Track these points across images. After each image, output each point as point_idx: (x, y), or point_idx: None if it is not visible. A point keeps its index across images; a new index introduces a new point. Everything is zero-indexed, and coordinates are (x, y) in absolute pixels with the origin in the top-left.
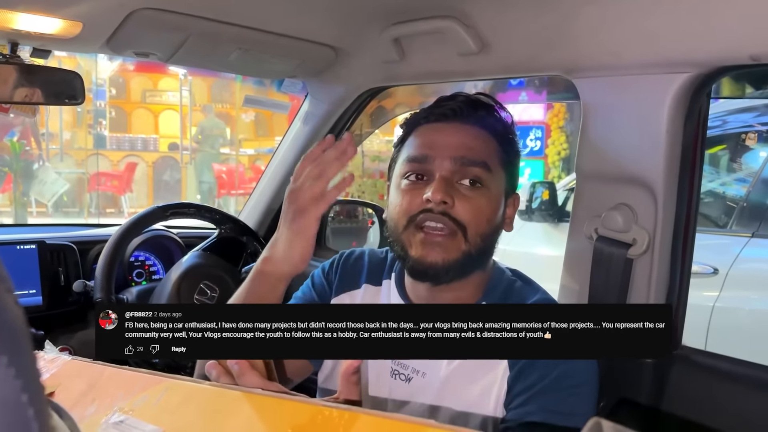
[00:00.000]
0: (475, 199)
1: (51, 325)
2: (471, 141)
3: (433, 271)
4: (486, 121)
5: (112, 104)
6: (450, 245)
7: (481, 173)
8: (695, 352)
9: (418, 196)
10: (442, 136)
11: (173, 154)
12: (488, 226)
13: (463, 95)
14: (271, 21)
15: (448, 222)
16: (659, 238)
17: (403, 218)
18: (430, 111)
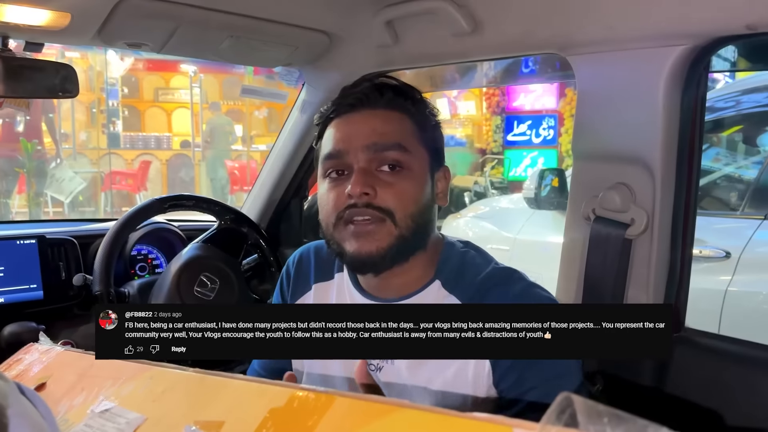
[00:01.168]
0: (397, 183)
1: (53, 319)
2: (382, 126)
3: (371, 261)
4: (395, 102)
5: (125, 103)
6: (381, 233)
7: (399, 156)
8: (698, 334)
9: (341, 192)
10: (352, 126)
11: (186, 151)
12: (416, 207)
13: (366, 81)
14: (262, 7)
15: (373, 212)
16: (658, 218)
17: (331, 216)
18: (338, 103)
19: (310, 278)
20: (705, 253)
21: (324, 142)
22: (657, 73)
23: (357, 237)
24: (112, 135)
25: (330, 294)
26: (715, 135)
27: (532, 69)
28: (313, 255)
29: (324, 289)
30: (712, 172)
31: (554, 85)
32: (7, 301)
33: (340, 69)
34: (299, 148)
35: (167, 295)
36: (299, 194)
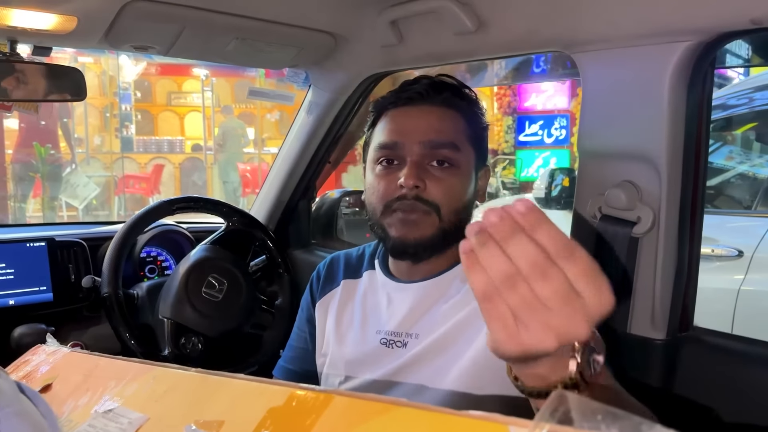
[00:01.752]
0: (446, 179)
1: (62, 321)
2: (438, 123)
3: (412, 249)
4: (451, 100)
5: (138, 107)
6: (425, 224)
7: (450, 153)
8: (707, 333)
9: (392, 181)
10: (410, 120)
11: (198, 155)
12: (461, 203)
13: (426, 77)
14: (267, 8)
15: (421, 205)
16: (665, 215)
17: (380, 204)
18: (396, 95)
19: (339, 277)
20: (717, 252)
21: (378, 130)
22: (662, 69)
23: (403, 224)
24: (125, 139)
25: (357, 289)
26: (728, 133)
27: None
28: (343, 258)
29: (351, 285)
30: (725, 170)
31: (566, 85)
32: (17, 303)
33: (346, 69)
34: (307, 149)
35: (175, 297)
36: (307, 195)
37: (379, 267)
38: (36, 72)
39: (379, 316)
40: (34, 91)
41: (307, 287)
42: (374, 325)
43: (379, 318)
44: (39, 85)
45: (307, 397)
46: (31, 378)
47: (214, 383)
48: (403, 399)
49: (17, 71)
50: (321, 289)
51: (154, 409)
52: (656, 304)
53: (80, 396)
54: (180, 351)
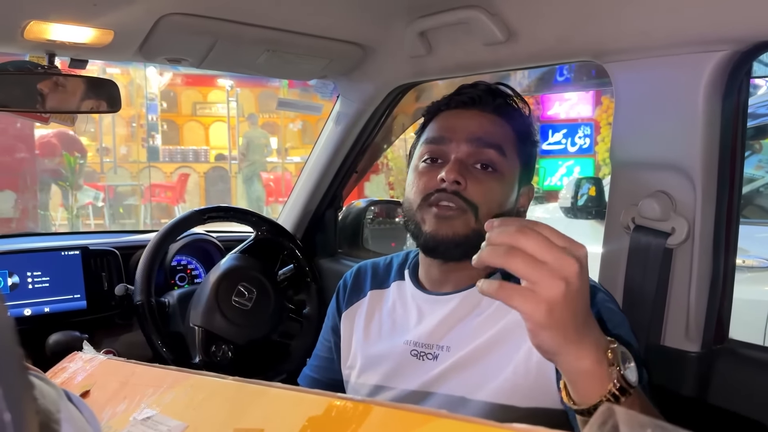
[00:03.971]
0: (488, 182)
1: (95, 329)
2: (488, 125)
3: (444, 246)
4: (504, 109)
5: (164, 117)
6: (460, 222)
7: (496, 157)
8: (743, 345)
9: (433, 177)
10: (460, 120)
11: (223, 164)
12: (499, 209)
13: (484, 83)
14: (298, 21)
15: (459, 201)
16: (699, 227)
17: (418, 197)
18: (450, 98)
19: (366, 287)
20: (748, 262)
21: (428, 129)
22: (696, 79)
23: (438, 219)
24: (151, 148)
25: (384, 299)
26: (757, 142)
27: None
28: (370, 268)
29: (378, 295)
30: (755, 179)
31: (590, 93)
32: (52, 310)
33: (374, 80)
34: (334, 159)
35: (206, 305)
36: (334, 205)
37: (410, 278)
38: (73, 84)
39: (409, 328)
40: (71, 102)
41: (333, 296)
42: (403, 336)
43: (409, 329)
44: (75, 97)
45: (346, 406)
46: (69, 385)
47: (252, 392)
48: (443, 410)
49: (55, 83)
50: (347, 299)
51: (192, 417)
52: (691, 316)
53: (118, 403)
54: (210, 359)
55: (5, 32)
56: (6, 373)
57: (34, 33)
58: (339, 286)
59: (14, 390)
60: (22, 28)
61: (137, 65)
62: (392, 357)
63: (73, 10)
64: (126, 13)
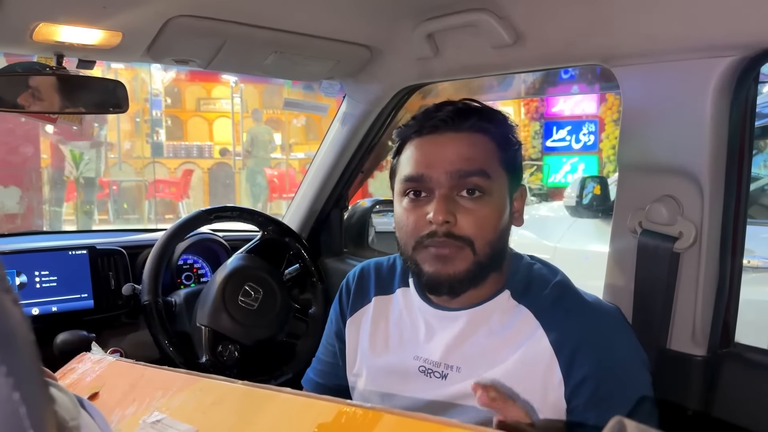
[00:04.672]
0: (478, 210)
1: (102, 328)
2: (466, 150)
3: (448, 284)
4: (478, 125)
5: (168, 113)
6: (459, 259)
7: (481, 182)
8: (748, 349)
9: (421, 215)
10: (436, 149)
11: (227, 160)
12: (494, 234)
13: (450, 103)
14: (306, 23)
15: (453, 241)
16: (707, 231)
17: (410, 239)
18: (421, 123)
19: (370, 292)
20: (753, 263)
21: (403, 160)
22: (704, 84)
23: (436, 260)
24: (155, 144)
25: (390, 307)
26: (762, 141)
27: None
28: (374, 270)
29: (383, 302)
30: (758, 179)
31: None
32: (60, 309)
33: (381, 81)
34: (340, 159)
35: (213, 305)
36: (339, 205)
37: (415, 288)
38: (80, 85)
39: (417, 342)
40: (79, 103)
41: (335, 298)
42: (411, 350)
43: (417, 344)
44: (83, 98)
45: (355, 413)
46: (78, 386)
47: (261, 396)
48: (454, 420)
49: (63, 84)
50: (352, 304)
51: (201, 421)
52: (697, 320)
53: (127, 405)
54: (217, 358)
55: (14, 34)
56: (29, 391)
57: (43, 35)
58: (341, 288)
59: (38, 408)
60: (31, 30)
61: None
62: (399, 372)
63: (82, 12)
64: (134, 15)
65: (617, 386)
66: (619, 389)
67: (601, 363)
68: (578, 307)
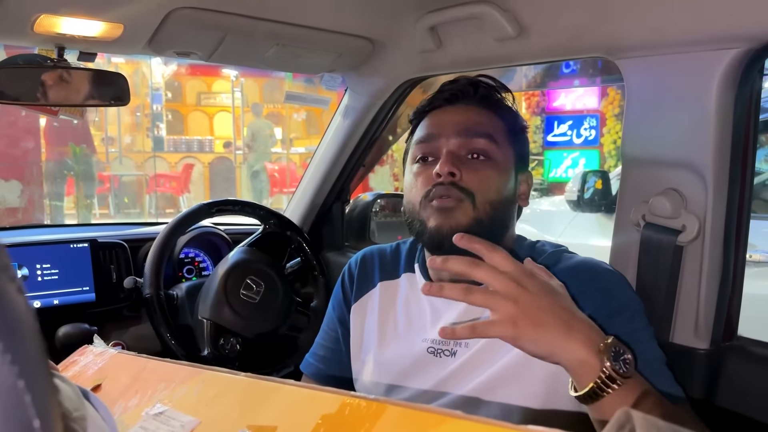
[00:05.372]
0: (483, 170)
1: (104, 321)
2: (474, 116)
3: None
4: (489, 100)
5: (169, 107)
6: (460, 212)
7: (487, 145)
8: (751, 343)
9: (429, 175)
10: (447, 116)
11: (228, 154)
12: (497, 195)
13: (464, 78)
14: (307, 15)
15: (455, 191)
16: (710, 224)
17: (417, 196)
18: (434, 97)
19: (375, 277)
20: (755, 257)
21: (417, 133)
22: (709, 76)
23: (438, 213)
24: (156, 138)
25: (397, 291)
26: (765, 135)
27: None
28: (377, 256)
29: (390, 287)
30: (760, 173)
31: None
32: (61, 303)
33: (383, 74)
34: (342, 153)
35: (215, 298)
36: (341, 198)
37: (420, 272)
38: (82, 77)
39: (424, 324)
40: (80, 95)
41: (337, 284)
42: (419, 333)
43: (425, 326)
44: (84, 90)
45: (359, 405)
46: (81, 378)
47: (265, 388)
48: (458, 411)
49: (64, 77)
50: (356, 289)
51: (204, 413)
52: (700, 313)
53: (130, 398)
54: (219, 352)
55: (15, 26)
56: (34, 380)
57: (44, 26)
58: (344, 273)
59: (42, 397)
60: (32, 22)
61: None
62: (409, 356)
63: (83, 3)
64: (136, 7)
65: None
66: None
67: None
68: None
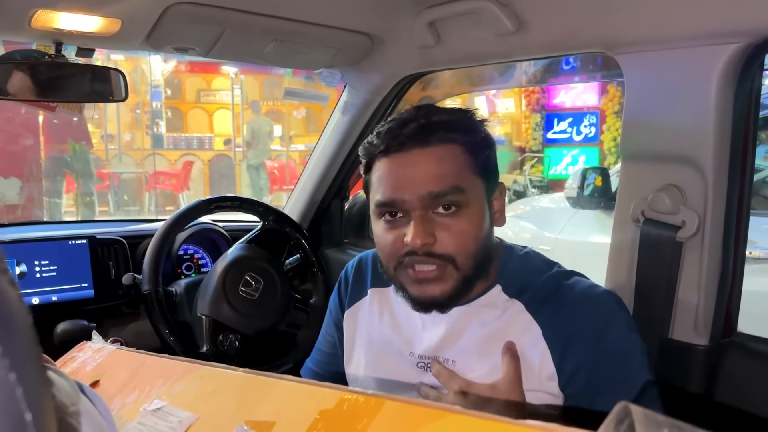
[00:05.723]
0: (456, 224)
1: (103, 318)
2: (436, 168)
3: (434, 302)
4: (446, 136)
5: (168, 105)
6: (443, 278)
7: (455, 198)
8: (751, 339)
9: (398, 237)
10: (405, 171)
11: (227, 151)
12: (476, 245)
13: (413, 119)
14: (306, 10)
15: (435, 260)
16: (710, 220)
17: (391, 261)
18: (387, 141)
19: (367, 284)
20: (755, 254)
21: (374, 181)
22: (709, 72)
23: (420, 283)
24: (155, 136)
25: (387, 299)
26: (764, 132)
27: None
28: (371, 262)
29: (380, 294)
30: (760, 170)
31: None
32: (60, 299)
33: (382, 70)
34: (341, 150)
35: (213, 295)
36: (340, 195)
37: None
38: (79, 73)
39: (413, 337)
40: (78, 91)
41: (335, 289)
42: (408, 345)
43: (413, 339)
44: (82, 86)
45: (357, 400)
46: (79, 374)
47: (262, 384)
48: (457, 406)
49: (62, 72)
50: (350, 295)
51: (202, 409)
52: (699, 309)
53: (128, 393)
54: (218, 348)
55: (13, 21)
56: (26, 372)
57: (41, 22)
58: (341, 278)
59: (34, 389)
60: (30, 17)
61: (141, 52)
62: (398, 369)
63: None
64: (133, 2)
65: (611, 373)
66: (614, 376)
67: (593, 352)
68: (571, 300)
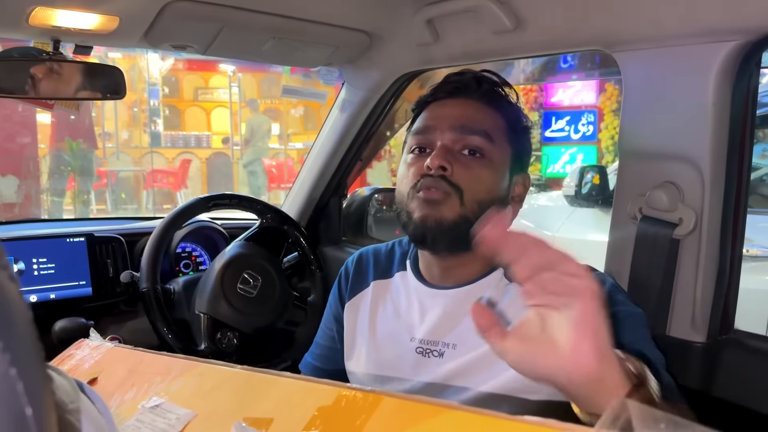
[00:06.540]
0: (475, 167)
1: (101, 315)
2: (473, 112)
3: (431, 234)
4: (490, 96)
5: (166, 103)
6: (446, 206)
7: (482, 143)
8: (748, 336)
9: (421, 165)
10: (446, 109)
11: (225, 150)
12: (487, 195)
13: (470, 72)
14: (304, 8)
15: (443, 184)
16: (707, 217)
17: (407, 187)
18: (437, 89)
19: (369, 276)
20: (752, 252)
21: (417, 121)
22: (706, 69)
23: (424, 204)
24: (153, 134)
25: (389, 290)
26: (761, 130)
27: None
28: (372, 256)
29: (382, 286)
30: (758, 168)
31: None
32: (58, 297)
33: (380, 68)
34: (339, 147)
35: (212, 292)
36: (338, 192)
37: (411, 270)
38: (77, 71)
39: (413, 323)
40: (76, 89)
41: (335, 283)
42: (408, 332)
43: (414, 326)
44: (80, 84)
45: (355, 397)
46: (77, 372)
47: (261, 381)
48: (454, 402)
49: (60, 70)
50: (350, 288)
51: (201, 406)
52: (697, 306)
53: (126, 391)
54: (216, 346)
55: (10, 18)
56: (26, 367)
57: (39, 19)
58: (341, 273)
59: (35, 385)
60: (27, 14)
61: (139, 50)
62: (399, 354)
63: None
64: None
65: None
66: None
67: None
68: None
